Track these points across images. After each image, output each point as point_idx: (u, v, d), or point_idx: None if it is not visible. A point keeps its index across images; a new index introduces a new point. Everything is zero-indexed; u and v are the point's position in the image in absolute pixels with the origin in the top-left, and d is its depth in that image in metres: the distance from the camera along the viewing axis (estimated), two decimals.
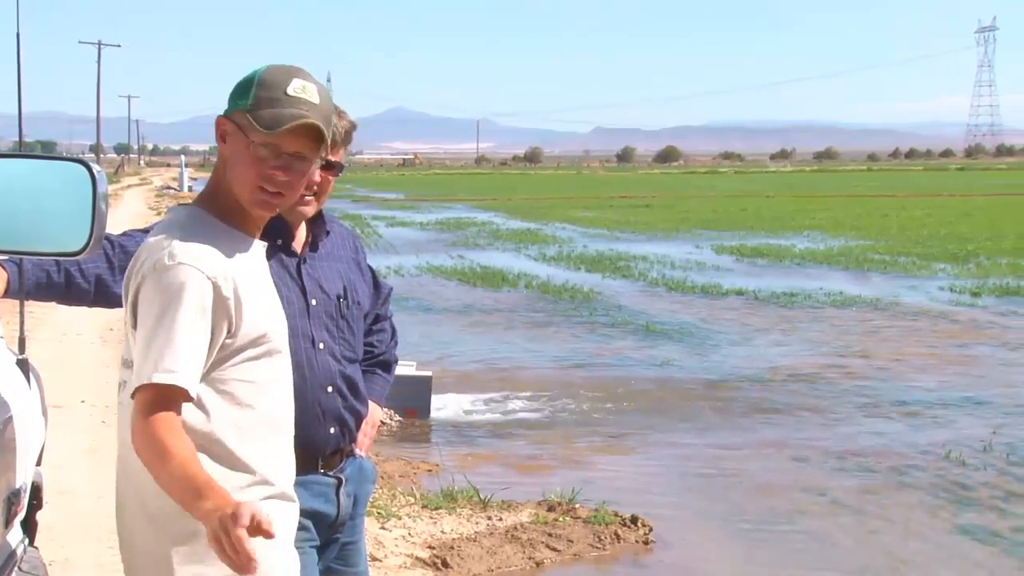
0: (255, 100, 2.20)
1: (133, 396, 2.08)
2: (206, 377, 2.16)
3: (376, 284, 3.18)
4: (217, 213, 2.24)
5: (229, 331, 2.16)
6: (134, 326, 2.18)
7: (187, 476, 1.99)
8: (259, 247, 2.30)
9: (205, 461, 2.16)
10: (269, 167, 2.21)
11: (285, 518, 2.28)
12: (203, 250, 2.14)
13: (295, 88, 2.22)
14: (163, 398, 2.06)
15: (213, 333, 2.13)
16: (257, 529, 1.85)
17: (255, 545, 1.89)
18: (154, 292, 2.11)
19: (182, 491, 1.98)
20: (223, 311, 2.14)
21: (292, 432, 2.35)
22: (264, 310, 2.23)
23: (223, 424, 2.18)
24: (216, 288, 2.12)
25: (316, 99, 2.23)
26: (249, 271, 2.22)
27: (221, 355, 2.17)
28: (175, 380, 2.05)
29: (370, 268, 3.16)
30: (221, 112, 2.28)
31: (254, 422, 2.21)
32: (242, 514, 1.84)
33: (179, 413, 2.09)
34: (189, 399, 2.10)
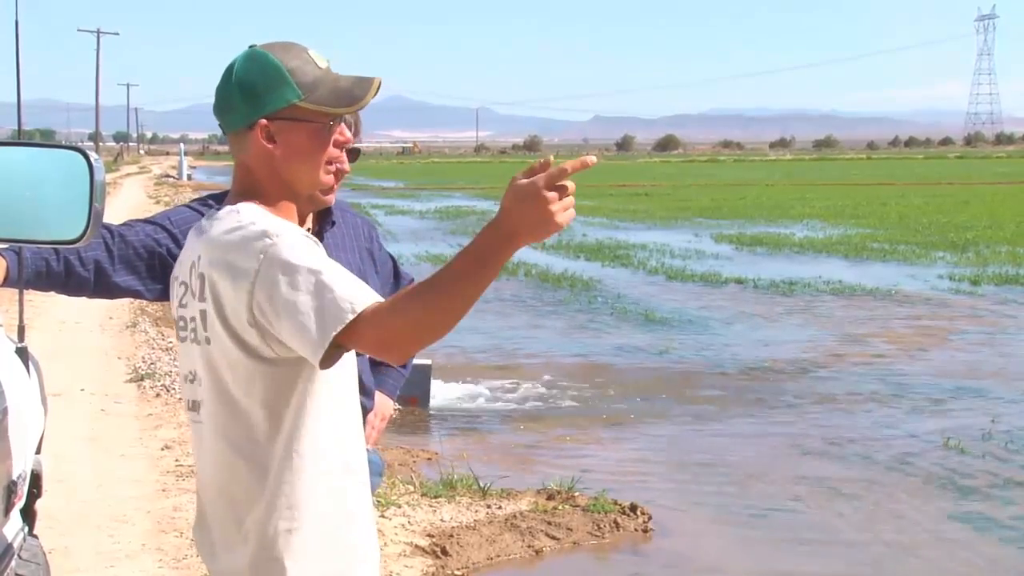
0: (304, 87, 2.15)
1: (323, 362, 1.97)
2: (294, 358, 2.08)
3: (397, 274, 3.15)
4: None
5: None
6: (231, 331, 2.08)
7: (463, 257, 1.93)
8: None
9: (291, 446, 2.12)
10: (333, 144, 2.21)
11: (365, 498, 2.27)
12: (287, 223, 2.10)
13: (318, 59, 2.20)
14: (371, 318, 1.95)
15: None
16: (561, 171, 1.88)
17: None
18: (280, 267, 2.00)
19: (481, 264, 1.92)
20: None
21: (360, 412, 2.32)
22: None
23: (308, 404, 2.13)
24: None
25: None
26: None
27: None
28: (373, 298, 1.96)
29: (391, 258, 3.13)
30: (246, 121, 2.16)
31: (334, 402, 2.17)
32: (541, 181, 1.89)
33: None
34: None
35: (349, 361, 2.22)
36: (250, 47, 2.19)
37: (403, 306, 1.94)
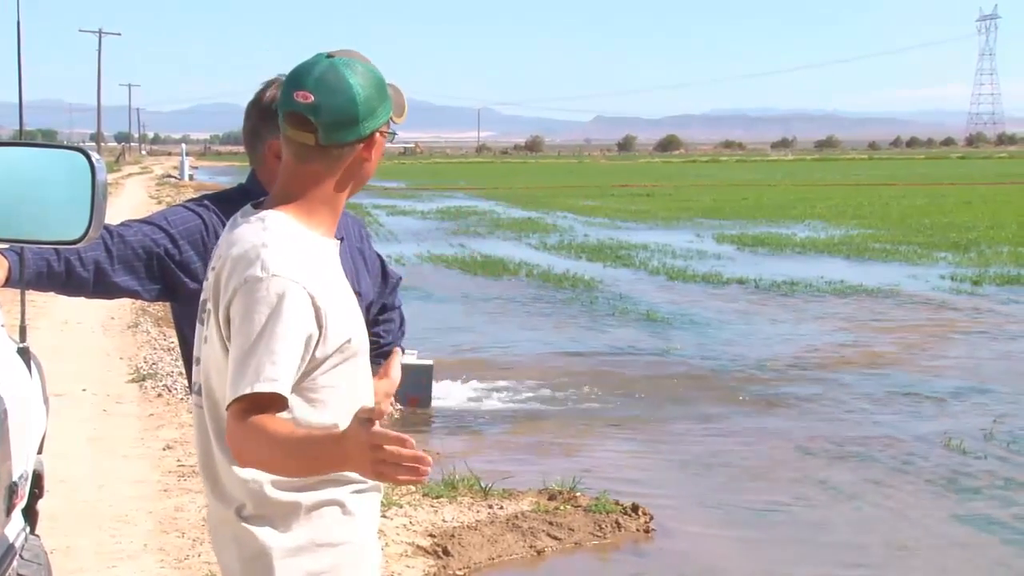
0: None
1: (228, 408, 2.04)
2: (297, 387, 2.10)
3: (385, 273, 3.15)
4: (310, 224, 2.17)
5: (321, 341, 2.10)
6: (220, 331, 2.13)
7: (305, 443, 1.98)
8: (335, 246, 2.25)
9: None
10: None
11: (375, 508, 2.31)
12: (296, 261, 2.08)
13: None
14: (259, 405, 2.01)
15: (307, 343, 2.08)
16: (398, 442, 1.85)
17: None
18: (250, 305, 2.05)
19: (311, 460, 1.98)
20: (317, 321, 2.08)
21: None
22: (349, 313, 2.18)
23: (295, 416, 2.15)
24: (312, 299, 2.07)
25: None
26: (334, 276, 2.18)
27: (312, 364, 2.11)
28: (274, 387, 2.00)
29: (379, 257, 3.14)
30: (357, 128, 2.15)
31: (344, 424, 2.18)
32: (379, 437, 1.85)
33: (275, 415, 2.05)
34: (285, 407, 2.05)
35: (358, 368, 2.23)
36: (329, 55, 2.15)
37: (260, 433, 1.99)
